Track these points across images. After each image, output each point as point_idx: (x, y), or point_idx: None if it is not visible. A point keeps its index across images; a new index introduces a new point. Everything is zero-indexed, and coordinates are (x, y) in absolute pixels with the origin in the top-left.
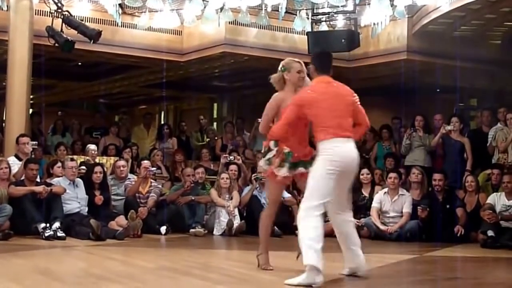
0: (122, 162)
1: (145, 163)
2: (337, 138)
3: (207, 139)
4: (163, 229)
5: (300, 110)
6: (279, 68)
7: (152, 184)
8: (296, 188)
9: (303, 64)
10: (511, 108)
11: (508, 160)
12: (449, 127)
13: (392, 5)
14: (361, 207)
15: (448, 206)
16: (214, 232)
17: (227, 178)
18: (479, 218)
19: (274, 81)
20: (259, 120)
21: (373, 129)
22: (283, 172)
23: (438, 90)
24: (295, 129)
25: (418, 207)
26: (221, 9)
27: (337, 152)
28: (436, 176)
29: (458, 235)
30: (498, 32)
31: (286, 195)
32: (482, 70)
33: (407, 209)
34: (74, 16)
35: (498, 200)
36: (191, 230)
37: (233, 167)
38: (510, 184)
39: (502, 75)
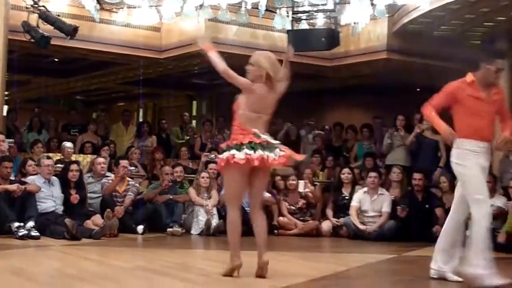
0: (101, 159)
1: (124, 162)
2: None
3: (187, 137)
4: (140, 228)
5: None
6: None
7: (130, 182)
8: (276, 187)
9: (254, 56)
10: None
11: None
12: (423, 126)
13: (372, 4)
14: (341, 207)
15: (427, 206)
16: (192, 232)
17: (207, 177)
18: None
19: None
20: None
21: (353, 128)
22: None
23: (418, 89)
24: None
25: (398, 207)
26: (201, 6)
27: None
28: (416, 175)
29: (437, 235)
30: (478, 32)
31: (266, 194)
32: (461, 70)
33: (386, 208)
34: (50, 11)
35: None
36: (169, 229)
37: (212, 166)
38: (489, 184)
39: None
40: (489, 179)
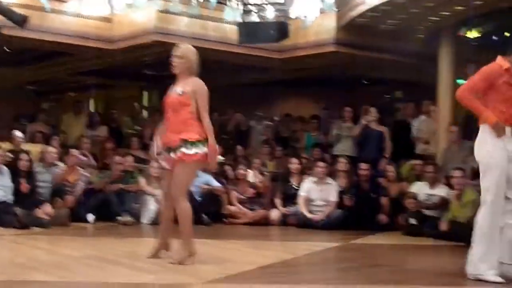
0: (52, 149)
1: (74, 151)
2: None
3: (138, 127)
4: (90, 217)
5: None
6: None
7: (80, 172)
8: (225, 176)
9: (182, 49)
10: (434, 100)
11: (431, 151)
12: (368, 118)
13: None
14: (289, 196)
15: (373, 195)
16: (143, 221)
17: (158, 167)
18: (402, 207)
19: None
20: None
21: (302, 119)
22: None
23: (365, 82)
24: (166, 115)
25: (345, 196)
26: None
27: None
28: (363, 165)
29: (381, 223)
30: (423, 27)
31: (216, 184)
32: (407, 63)
33: (333, 198)
34: (1, 0)
35: (421, 189)
36: (119, 218)
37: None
38: (433, 174)
39: (426, 69)
40: (432, 168)
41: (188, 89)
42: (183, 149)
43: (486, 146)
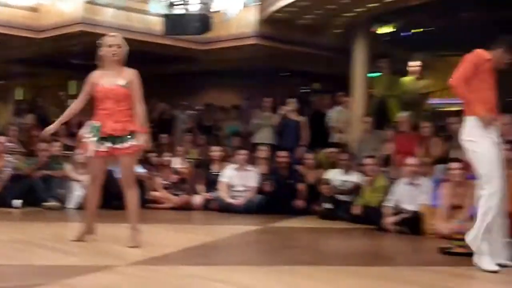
0: None
1: (2, 138)
2: None
3: None
4: (17, 202)
5: None
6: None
7: (6, 158)
8: (149, 162)
9: (119, 38)
10: (348, 92)
11: (345, 140)
12: (287, 108)
13: None
14: (212, 182)
15: (291, 181)
16: (69, 206)
17: (83, 154)
18: (318, 192)
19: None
20: None
21: (223, 108)
22: (93, 146)
23: (285, 73)
24: (102, 104)
25: (264, 182)
26: None
27: None
28: (281, 153)
29: (298, 208)
30: (339, 22)
31: (140, 170)
32: (323, 56)
33: (253, 183)
34: None
35: (335, 175)
36: (46, 203)
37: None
38: (347, 161)
39: (341, 62)
40: (346, 156)
41: (128, 80)
42: (133, 141)
43: (474, 137)
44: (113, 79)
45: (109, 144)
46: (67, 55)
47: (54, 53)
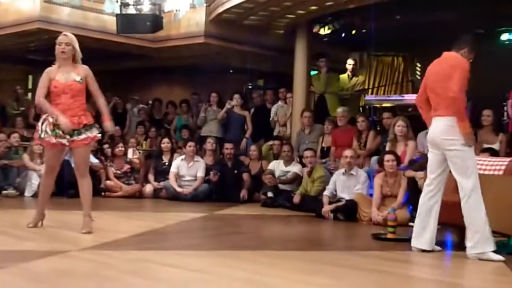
0: None
1: None
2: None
3: (22, 108)
4: None
5: None
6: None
7: None
8: (104, 154)
9: (70, 37)
10: (290, 88)
11: (287, 133)
12: (232, 102)
13: None
14: (161, 172)
15: (236, 171)
16: (26, 194)
17: (40, 144)
18: (261, 182)
19: None
20: None
21: (173, 103)
22: (48, 138)
23: (231, 70)
24: (58, 99)
25: (211, 172)
26: None
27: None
28: (227, 145)
29: (243, 197)
30: (281, 23)
31: (94, 160)
32: (268, 55)
33: (200, 173)
34: None
35: (277, 166)
36: (4, 191)
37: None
38: (288, 153)
39: (284, 61)
40: (287, 148)
41: (83, 75)
42: (87, 133)
43: (455, 136)
44: (68, 75)
45: (66, 137)
46: (25, 51)
47: (13, 49)
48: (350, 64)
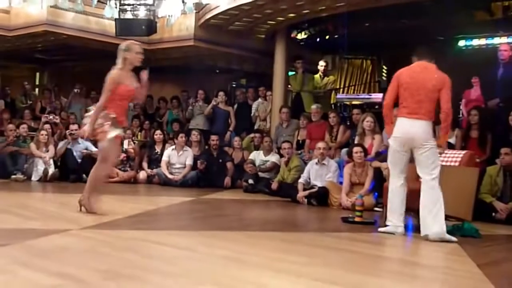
0: None
1: None
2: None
3: (30, 102)
4: None
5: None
6: (122, 47)
7: None
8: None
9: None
10: (270, 87)
11: (266, 127)
12: (218, 99)
13: (183, 1)
14: (154, 160)
15: (220, 160)
16: (32, 178)
17: (45, 135)
18: (243, 170)
19: (118, 59)
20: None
21: (164, 99)
22: (114, 133)
23: (217, 70)
24: (123, 102)
25: (198, 161)
26: None
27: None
28: (213, 137)
29: (226, 184)
30: (263, 29)
31: (94, 149)
32: (250, 57)
33: (189, 162)
34: None
35: (257, 156)
36: (12, 176)
37: (47, 126)
38: (267, 145)
39: (265, 62)
40: (267, 140)
41: (136, 84)
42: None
43: (432, 137)
44: (132, 82)
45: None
46: (33, 51)
47: (22, 49)
48: (321, 66)
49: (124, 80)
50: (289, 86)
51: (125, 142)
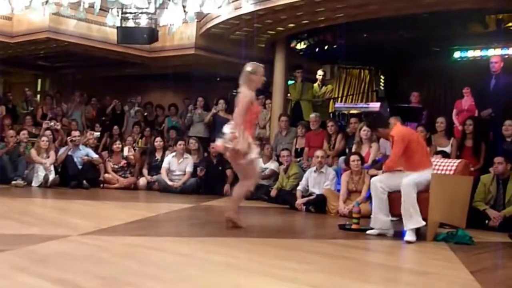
0: None
1: None
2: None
3: (31, 108)
4: None
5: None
6: (249, 70)
7: None
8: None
9: None
10: (270, 95)
11: (266, 135)
12: (218, 107)
13: (184, 11)
14: (154, 167)
15: (220, 168)
16: (33, 184)
17: (46, 141)
18: None
19: (243, 79)
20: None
21: (161, 106)
22: (255, 152)
23: (218, 78)
24: (253, 120)
25: (197, 168)
26: (46, 2)
27: None
28: (212, 145)
29: (226, 191)
30: (263, 38)
31: (94, 155)
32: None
33: (189, 169)
34: None
35: (258, 164)
36: (13, 182)
37: (48, 132)
38: (267, 152)
39: (264, 71)
40: (267, 148)
41: None
42: None
43: None
44: (258, 102)
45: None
46: (35, 58)
47: (24, 56)
48: (320, 75)
49: (254, 100)
50: (289, 94)
51: (125, 149)
